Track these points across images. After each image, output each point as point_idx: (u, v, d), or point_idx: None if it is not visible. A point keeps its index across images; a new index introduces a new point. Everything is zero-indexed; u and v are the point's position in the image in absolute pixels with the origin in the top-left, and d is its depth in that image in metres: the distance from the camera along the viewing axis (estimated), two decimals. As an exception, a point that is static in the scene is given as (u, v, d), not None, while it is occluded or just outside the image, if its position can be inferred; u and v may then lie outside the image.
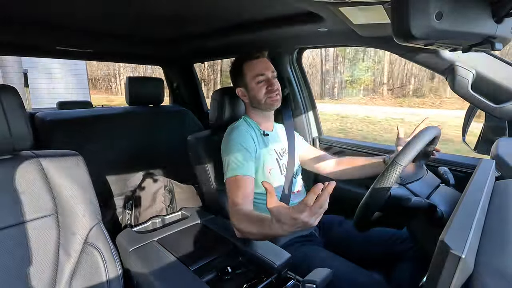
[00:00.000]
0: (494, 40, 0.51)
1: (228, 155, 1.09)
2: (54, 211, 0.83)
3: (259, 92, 1.16)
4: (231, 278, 0.84)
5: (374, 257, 1.13)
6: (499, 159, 0.79)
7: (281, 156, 1.24)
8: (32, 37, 1.41)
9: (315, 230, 1.26)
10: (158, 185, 1.34)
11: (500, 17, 0.50)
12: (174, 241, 1.01)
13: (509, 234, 0.42)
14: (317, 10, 0.94)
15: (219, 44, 1.63)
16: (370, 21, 0.90)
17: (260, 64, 1.17)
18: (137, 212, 1.24)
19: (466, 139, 1.14)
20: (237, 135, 1.13)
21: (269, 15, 1.18)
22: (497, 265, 0.36)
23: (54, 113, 1.42)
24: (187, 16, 1.22)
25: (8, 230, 0.76)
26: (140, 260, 0.90)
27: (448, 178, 0.91)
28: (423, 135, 0.82)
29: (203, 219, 1.17)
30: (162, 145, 1.66)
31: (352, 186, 1.47)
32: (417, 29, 0.44)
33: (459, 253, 0.33)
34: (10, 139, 0.75)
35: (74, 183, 0.86)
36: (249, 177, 1.05)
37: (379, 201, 0.77)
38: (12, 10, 1.07)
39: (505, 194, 0.58)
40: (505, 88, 0.90)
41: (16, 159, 0.80)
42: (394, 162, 0.76)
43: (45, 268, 0.80)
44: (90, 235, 0.86)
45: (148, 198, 1.28)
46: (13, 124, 0.75)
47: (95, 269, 0.85)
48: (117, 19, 1.25)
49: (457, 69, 0.92)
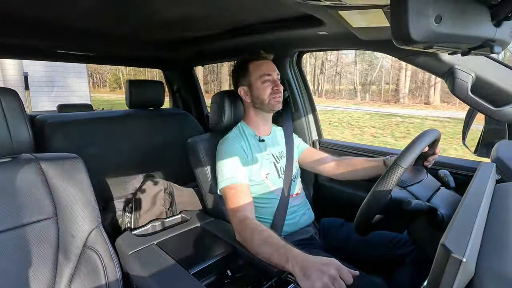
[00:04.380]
0: (493, 43, 0.52)
1: (219, 165, 1.11)
2: (53, 214, 0.82)
3: (264, 91, 1.17)
4: (231, 281, 0.84)
5: (375, 260, 1.12)
6: (499, 162, 0.78)
7: (279, 160, 1.24)
8: (33, 40, 1.41)
9: (316, 233, 1.26)
10: (158, 188, 1.34)
11: (499, 21, 0.50)
12: (173, 244, 1.01)
13: (509, 237, 0.42)
14: (317, 14, 0.94)
15: (219, 47, 1.63)
16: (370, 24, 0.90)
17: (267, 65, 1.19)
18: (137, 215, 1.23)
19: (466, 142, 1.14)
20: (226, 146, 1.15)
21: (269, 19, 1.19)
22: (498, 268, 0.35)
23: (54, 116, 1.42)
24: (187, 19, 1.22)
25: (8, 233, 0.75)
26: (140, 264, 0.90)
27: (448, 181, 0.91)
28: (423, 137, 0.82)
29: (203, 222, 1.17)
30: (162, 148, 1.66)
31: (353, 189, 1.46)
32: (417, 32, 0.44)
33: (460, 256, 0.33)
34: (10, 142, 0.75)
35: (74, 186, 0.86)
36: (243, 184, 1.05)
37: (380, 204, 0.77)
38: (12, 13, 1.08)
39: (506, 197, 0.58)
40: (505, 91, 0.90)
41: (16, 162, 0.80)
42: (395, 164, 0.76)
43: (44, 271, 0.80)
44: (90, 238, 0.86)
45: (147, 201, 1.28)
46: (13, 127, 0.75)
47: (95, 273, 0.84)
48: (118, 23, 1.26)
49: (456, 72, 0.92)
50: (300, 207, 1.24)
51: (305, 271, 0.70)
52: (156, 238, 1.04)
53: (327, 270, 0.68)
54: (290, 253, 0.76)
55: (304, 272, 0.70)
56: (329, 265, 0.69)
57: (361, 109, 12.39)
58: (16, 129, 0.76)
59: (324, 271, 0.68)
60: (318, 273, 0.68)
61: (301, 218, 1.22)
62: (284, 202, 1.18)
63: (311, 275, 0.68)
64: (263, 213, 1.16)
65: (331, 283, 0.66)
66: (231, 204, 1.01)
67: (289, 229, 1.18)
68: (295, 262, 0.73)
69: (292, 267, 0.73)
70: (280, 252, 0.78)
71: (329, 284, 0.66)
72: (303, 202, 1.28)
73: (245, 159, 1.13)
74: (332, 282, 0.66)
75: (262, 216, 1.15)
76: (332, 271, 0.67)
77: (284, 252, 0.77)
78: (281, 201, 1.17)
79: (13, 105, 0.76)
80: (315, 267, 0.69)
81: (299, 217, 1.21)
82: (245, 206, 1.00)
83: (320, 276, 0.67)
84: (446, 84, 0.97)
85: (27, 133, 0.78)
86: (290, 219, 1.18)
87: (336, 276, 0.67)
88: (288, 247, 0.79)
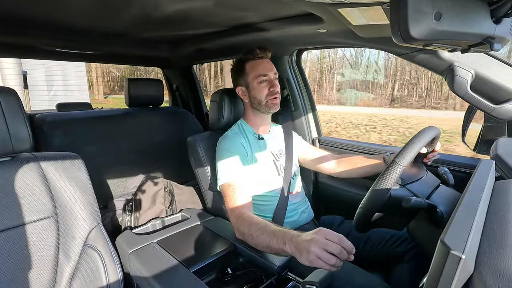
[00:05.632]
0: (493, 41, 0.52)
1: (219, 163, 1.11)
2: (53, 213, 0.83)
3: (260, 92, 1.17)
4: (231, 279, 0.84)
5: (374, 257, 1.13)
6: (498, 159, 0.79)
7: (278, 158, 1.24)
8: (32, 39, 1.41)
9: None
10: (158, 186, 1.34)
11: (498, 18, 0.50)
12: (174, 242, 1.01)
13: (509, 234, 0.42)
14: (316, 11, 0.94)
15: (219, 45, 1.63)
16: (369, 22, 0.90)
17: (264, 65, 1.18)
18: (137, 213, 1.23)
19: (466, 139, 1.14)
20: (226, 143, 1.15)
21: (269, 17, 1.19)
22: (497, 265, 0.36)
23: (53, 115, 1.42)
24: (186, 17, 1.22)
25: (8, 233, 0.75)
26: (140, 262, 0.90)
27: (448, 178, 0.91)
28: (422, 135, 0.82)
29: (203, 221, 1.17)
30: (161, 146, 1.66)
31: (352, 187, 1.47)
32: (416, 30, 0.44)
33: (459, 253, 0.33)
34: (10, 141, 0.75)
35: (74, 185, 0.86)
36: (242, 181, 1.06)
37: (379, 202, 0.77)
38: (11, 12, 1.07)
39: (505, 194, 0.58)
40: (504, 89, 0.90)
41: (16, 161, 0.80)
42: (394, 163, 0.76)
43: (45, 270, 0.80)
44: (90, 237, 0.86)
45: (148, 199, 1.28)
46: (12, 126, 0.75)
47: (95, 271, 0.85)
48: (117, 21, 1.26)
49: (456, 69, 0.92)
50: (300, 205, 1.24)
51: (298, 248, 0.72)
52: (156, 236, 1.04)
53: (312, 238, 0.70)
54: (286, 236, 0.77)
55: (297, 249, 0.72)
56: (314, 233, 0.71)
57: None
58: (15, 128, 0.76)
59: (310, 240, 0.70)
60: (307, 244, 0.69)
61: (301, 216, 1.22)
62: (284, 200, 1.18)
63: (302, 249, 0.70)
64: (263, 211, 1.16)
65: (320, 249, 0.67)
66: (230, 201, 1.01)
67: (289, 226, 1.18)
68: (290, 242, 0.75)
69: (289, 248, 0.75)
70: (277, 237, 0.79)
71: (318, 251, 0.67)
72: (303, 200, 1.29)
73: (244, 156, 1.13)
74: (321, 246, 0.68)
75: (262, 214, 1.15)
76: (316, 237, 0.69)
77: (281, 236, 0.79)
78: (281, 199, 1.18)
79: (12, 104, 0.76)
80: (303, 240, 0.71)
81: (298, 215, 1.21)
82: (243, 203, 1.00)
83: (308, 248, 0.68)
84: (445, 81, 0.97)
85: (26, 132, 0.78)
86: (290, 217, 1.18)
87: (321, 239, 0.68)
88: (284, 231, 0.80)
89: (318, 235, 0.70)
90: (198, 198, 1.43)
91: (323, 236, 0.70)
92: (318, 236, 0.70)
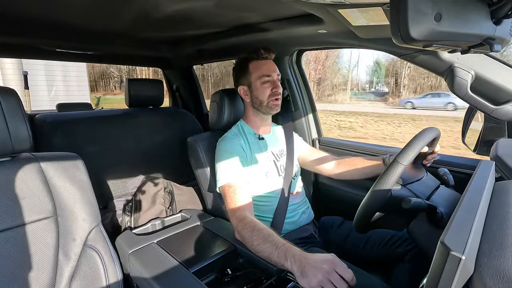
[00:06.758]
0: (493, 42, 0.52)
1: (218, 164, 1.11)
2: (53, 213, 0.83)
3: (263, 92, 1.17)
4: (231, 280, 0.84)
5: (374, 258, 1.13)
6: (498, 160, 0.79)
7: (279, 158, 1.24)
8: (32, 39, 1.41)
9: (315, 231, 1.26)
10: (158, 187, 1.34)
11: (498, 19, 0.50)
12: (174, 243, 1.01)
13: (509, 235, 0.42)
14: (317, 12, 0.94)
15: (219, 46, 1.63)
16: (369, 23, 0.90)
17: (267, 65, 1.18)
18: (137, 214, 1.23)
19: (466, 140, 1.14)
20: (225, 144, 1.15)
21: (269, 17, 1.19)
22: (497, 266, 0.36)
23: (53, 115, 1.42)
24: (187, 18, 1.22)
25: (7, 233, 0.75)
26: (140, 262, 0.90)
27: (448, 179, 0.91)
28: (423, 135, 0.82)
29: (203, 221, 1.17)
30: (162, 146, 1.66)
31: (352, 188, 1.47)
32: (416, 31, 0.44)
33: (459, 254, 0.33)
34: (10, 141, 0.75)
35: (74, 185, 0.86)
36: (242, 182, 1.05)
37: (380, 201, 0.77)
38: (11, 12, 1.08)
39: (505, 195, 0.58)
40: (504, 90, 0.90)
41: (16, 161, 0.80)
42: (396, 161, 0.76)
43: (44, 270, 0.80)
44: (90, 237, 0.86)
45: (147, 200, 1.28)
46: (12, 126, 0.75)
47: (95, 272, 0.85)
48: (118, 21, 1.26)
49: (456, 70, 0.92)
50: (300, 206, 1.24)
51: (303, 270, 0.70)
52: (156, 237, 1.04)
53: (321, 266, 0.68)
54: (289, 252, 0.76)
55: (301, 271, 0.70)
56: (324, 262, 0.69)
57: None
58: (16, 128, 0.76)
59: (319, 268, 0.68)
60: (314, 270, 0.68)
61: (301, 216, 1.22)
62: (284, 201, 1.18)
63: (308, 273, 0.69)
64: (263, 212, 1.16)
65: (326, 279, 0.66)
66: (230, 202, 1.01)
67: (289, 227, 1.18)
68: (293, 260, 0.74)
69: (291, 265, 0.74)
70: (279, 251, 0.78)
71: (324, 281, 0.66)
72: (303, 201, 1.28)
73: (244, 157, 1.13)
74: (328, 277, 0.66)
75: (262, 215, 1.15)
76: (325, 267, 0.68)
77: (283, 251, 0.77)
78: (281, 199, 1.18)
79: (12, 105, 0.76)
80: (311, 265, 0.70)
81: (299, 216, 1.21)
82: (244, 204, 1.00)
83: (316, 274, 0.67)
84: (445, 82, 0.97)
85: (26, 132, 0.78)
86: (290, 217, 1.18)
87: (331, 271, 0.67)
88: (287, 246, 0.79)
89: (328, 266, 0.68)
90: (198, 199, 1.43)
91: (333, 268, 0.68)
92: (328, 267, 0.68)
